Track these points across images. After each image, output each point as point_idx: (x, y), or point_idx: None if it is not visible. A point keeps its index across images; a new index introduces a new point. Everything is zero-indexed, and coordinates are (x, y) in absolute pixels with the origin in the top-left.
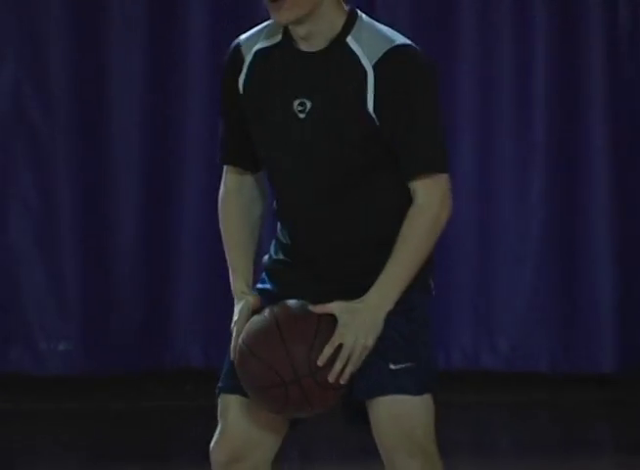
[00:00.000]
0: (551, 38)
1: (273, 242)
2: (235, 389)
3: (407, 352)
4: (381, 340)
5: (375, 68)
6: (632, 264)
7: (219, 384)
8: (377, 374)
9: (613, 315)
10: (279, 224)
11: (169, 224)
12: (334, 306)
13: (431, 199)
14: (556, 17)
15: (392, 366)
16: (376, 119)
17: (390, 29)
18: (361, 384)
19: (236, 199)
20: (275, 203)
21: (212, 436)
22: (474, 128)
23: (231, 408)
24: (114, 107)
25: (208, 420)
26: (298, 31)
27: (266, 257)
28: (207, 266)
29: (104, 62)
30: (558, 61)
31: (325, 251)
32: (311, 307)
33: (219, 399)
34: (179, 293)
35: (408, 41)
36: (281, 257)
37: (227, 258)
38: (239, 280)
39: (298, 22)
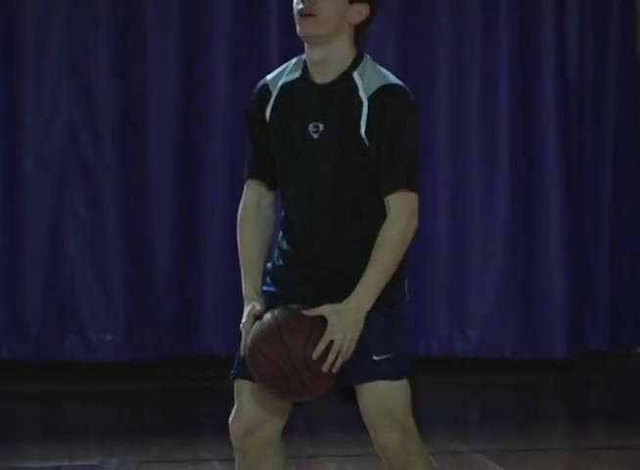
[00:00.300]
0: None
1: (275, 251)
2: (246, 375)
3: (387, 344)
4: (365, 335)
5: (369, 99)
6: (579, 271)
7: (232, 371)
8: (363, 364)
9: (563, 312)
10: (281, 233)
11: (197, 238)
12: (323, 309)
13: (401, 213)
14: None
15: (375, 357)
16: (366, 141)
17: (389, 72)
18: (350, 372)
19: (254, 215)
20: (284, 214)
21: (231, 412)
22: (448, 147)
23: (243, 391)
24: (152, 142)
25: (228, 399)
26: (314, 55)
27: (270, 264)
28: (228, 273)
29: (143, 102)
30: (518, 93)
31: (326, 256)
32: (305, 311)
33: (234, 384)
34: (205, 293)
35: (399, 82)
36: (281, 262)
37: (241, 265)
38: (249, 287)
39: (317, 41)
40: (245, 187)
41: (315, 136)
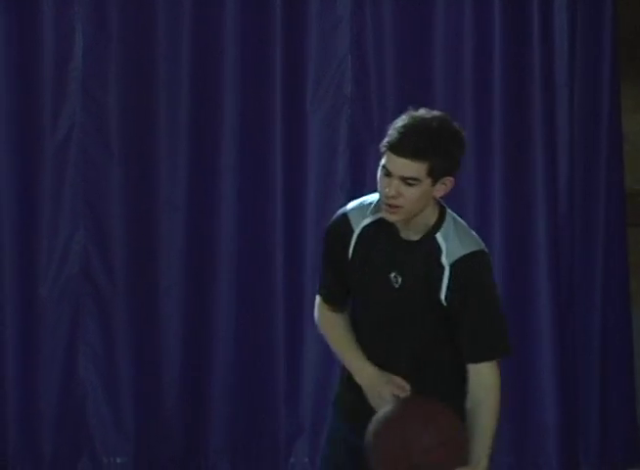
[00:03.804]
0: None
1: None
2: None
3: None
4: None
5: (451, 266)
6: (571, 398)
7: None
8: None
9: (556, 436)
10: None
11: (205, 366)
12: None
13: (493, 380)
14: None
15: None
16: (445, 304)
17: (469, 232)
18: None
19: (334, 316)
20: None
21: None
22: None
23: None
24: (162, 274)
25: None
26: (400, 221)
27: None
28: (234, 399)
29: (154, 235)
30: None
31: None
32: None
33: None
34: (211, 420)
35: (480, 248)
36: (350, 396)
37: (343, 356)
38: (359, 361)
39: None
40: (318, 300)
41: (396, 285)
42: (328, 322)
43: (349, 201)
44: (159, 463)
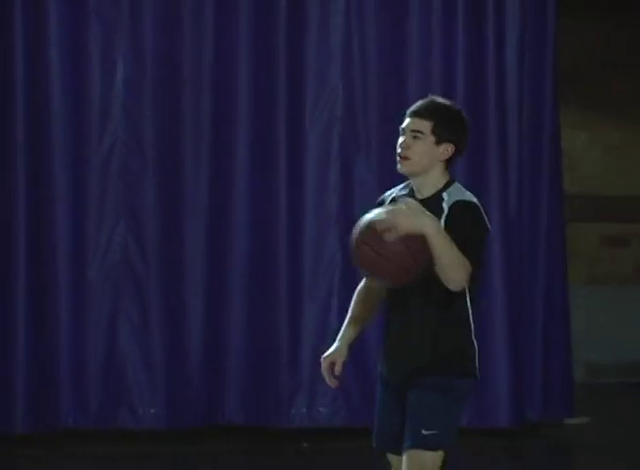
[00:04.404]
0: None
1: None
2: (386, 447)
3: (437, 422)
4: (422, 409)
5: (449, 209)
6: (518, 359)
7: (375, 444)
8: (414, 435)
9: (506, 391)
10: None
11: (223, 335)
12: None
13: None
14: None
15: (424, 432)
16: None
17: (470, 194)
18: (404, 442)
19: (365, 292)
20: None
21: None
22: None
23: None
24: (188, 265)
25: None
26: (414, 181)
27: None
28: (247, 361)
29: (181, 231)
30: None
31: (415, 348)
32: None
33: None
34: (228, 377)
35: (471, 199)
36: (383, 351)
37: (345, 321)
38: (341, 335)
39: (414, 175)
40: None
41: None
42: (358, 292)
43: (341, 201)
44: (185, 414)
